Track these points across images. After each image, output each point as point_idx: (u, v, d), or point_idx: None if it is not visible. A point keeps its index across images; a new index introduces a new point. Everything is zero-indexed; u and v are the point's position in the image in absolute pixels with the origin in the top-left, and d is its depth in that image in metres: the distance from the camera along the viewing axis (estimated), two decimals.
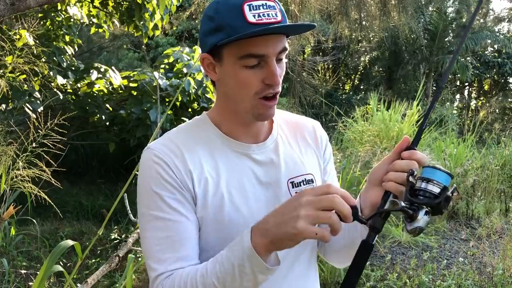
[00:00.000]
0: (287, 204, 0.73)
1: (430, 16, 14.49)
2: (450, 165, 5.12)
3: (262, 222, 0.75)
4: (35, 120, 2.55)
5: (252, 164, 0.92)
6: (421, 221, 0.72)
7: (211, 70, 0.89)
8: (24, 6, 2.40)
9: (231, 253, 0.76)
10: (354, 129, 6.43)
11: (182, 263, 0.83)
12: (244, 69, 0.83)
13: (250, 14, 0.80)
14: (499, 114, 16.89)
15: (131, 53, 10.56)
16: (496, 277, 3.27)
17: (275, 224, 0.72)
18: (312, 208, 0.69)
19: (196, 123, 0.96)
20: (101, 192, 5.71)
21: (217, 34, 0.82)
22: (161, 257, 0.83)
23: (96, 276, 2.68)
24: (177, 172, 0.86)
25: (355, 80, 17.58)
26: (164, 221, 0.84)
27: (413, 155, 0.82)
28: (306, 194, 0.71)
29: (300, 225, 0.68)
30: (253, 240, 0.73)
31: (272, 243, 0.72)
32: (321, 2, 6.88)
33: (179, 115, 4.97)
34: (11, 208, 2.57)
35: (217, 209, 0.87)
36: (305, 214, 0.69)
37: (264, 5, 0.81)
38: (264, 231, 0.73)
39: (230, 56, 0.83)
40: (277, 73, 0.84)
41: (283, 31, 0.84)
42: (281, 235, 0.71)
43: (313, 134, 1.03)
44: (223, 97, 0.92)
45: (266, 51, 0.82)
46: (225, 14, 0.81)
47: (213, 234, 0.88)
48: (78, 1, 4.30)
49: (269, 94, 0.85)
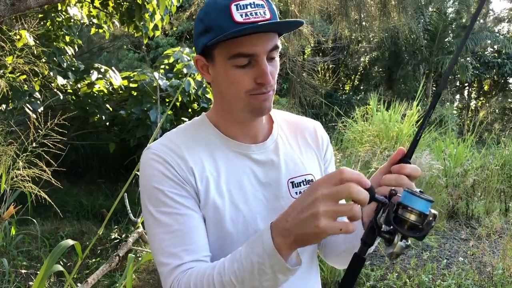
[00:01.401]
0: (302, 200, 0.68)
1: (430, 17, 14.51)
2: (450, 165, 5.13)
3: (280, 220, 0.71)
4: (35, 120, 2.55)
5: (252, 164, 0.92)
6: (397, 246, 0.69)
7: (205, 72, 0.90)
8: (24, 6, 2.41)
9: (250, 250, 0.73)
10: (354, 129, 6.44)
11: (195, 255, 0.82)
12: (235, 69, 0.83)
13: (237, 13, 0.80)
14: (499, 114, 16.90)
15: (131, 54, 10.57)
16: (496, 277, 3.28)
17: (295, 223, 0.68)
18: (331, 202, 0.65)
19: (195, 124, 0.96)
20: (101, 192, 5.71)
21: (206, 35, 0.83)
22: (173, 251, 0.82)
23: (96, 276, 2.69)
24: (178, 169, 0.86)
25: (355, 81, 17.59)
26: (170, 216, 0.84)
27: (402, 169, 0.79)
28: (320, 186, 0.66)
29: (322, 223, 0.64)
30: (274, 239, 0.70)
31: (295, 242, 0.69)
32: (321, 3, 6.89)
33: (179, 116, 4.98)
34: (11, 208, 2.58)
35: (218, 208, 0.87)
36: (325, 210, 0.64)
37: (252, 4, 0.81)
38: (284, 230, 0.69)
39: (221, 57, 0.84)
40: (268, 71, 0.83)
41: (269, 29, 0.83)
42: (303, 234, 0.67)
43: (314, 135, 1.03)
44: (219, 97, 0.93)
45: (255, 50, 0.81)
46: (214, 15, 0.82)
47: (213, 233, 0.87)
48: (78, 1, 4.30)
49: (261, 92, 0.85)
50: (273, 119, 1.00)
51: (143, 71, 5.17)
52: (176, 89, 4.71)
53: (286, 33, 0.93)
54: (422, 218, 0.68)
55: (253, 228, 0.90)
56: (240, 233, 0.88)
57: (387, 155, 5.00)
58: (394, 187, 0.76)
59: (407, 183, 0.78)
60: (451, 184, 4.95)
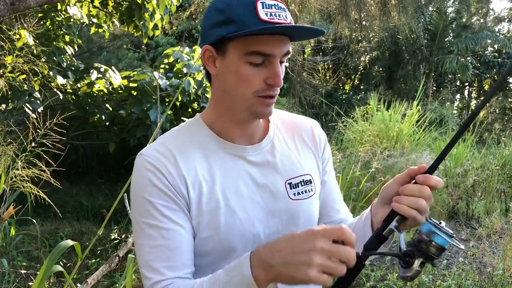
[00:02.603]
0: (297, 242, 0.68)
1: (430, 16, 14.50)
2: (450, 165, 5.12)
3: (264, 254, 0.71)
4: (35, 120, 2.55)
5: (247, 166, 0.91)
6: (414, 270, 0.72)
7: (211, 63, 0.87)
8: (24, 6, 2.41)
9: (229, 278, 0.73)
10: (354, 129, 6.43)
11: (176, 273, 0.82)
12: (248, 66, 0.82)
13: (263, 11, 0.79)
14: (499, 114, 16.90)
15: (131, 53, 10.56)
16: (496, 277, 3.27)
17: (282, 263, 0.68)
18: (327, 258, 0.66)
19: (189, 126, 0.95)
20: (101, 192, 5.71)
21: (226, 27, 0.81)
22: (155, 266, 0.82)
23: (96, 276, 2.68)
24: (170, 178, 0.85)
25: (355, 80, 17.59)
26: (157, 229, 0.83)
27: (428, 180, 0.79)
28: (320, 237, 0.67)
29: (313, 274, 0.66)
30: (253, 270, 0.70)
31: (275, 278, 0.70)
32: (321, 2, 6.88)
33: (179, 115, 4.97)
34: (11, 208, 2.58)
35: (213, 214, 0.86)
36: (320, 264, 0.66)
37: (276, 6, 0.81)
38: (267, 265, 0.70)
39: (236, 51, 0.82)
40: (280, 74, 0.83)
41: (295, 32, 0.84)
42: (288, 276, 0.68)
43: (311, 134, 1.02)
44: (220, 92, 0.90)
45: (273, 51, 0.81)
46: (237, 8, 0.80)
47: (210, 239, 0.86)
48: (78, 1, 4.29)
49: (269, 94, 0.85)
50: (270, 118, 0.98)
51: (143, 71, 5.16)
52: (176, 88, 4.70)
53: (300, 40, 0.92)
54: (440, 251, 0.71)
55: (251, 232, 0.89)
56: (237, 238, 0.87)
57: (387, 155, 4.99)
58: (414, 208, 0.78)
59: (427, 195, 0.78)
60: (451, 184, 4.94)
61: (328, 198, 1.04)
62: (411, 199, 0.78)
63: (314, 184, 0.97)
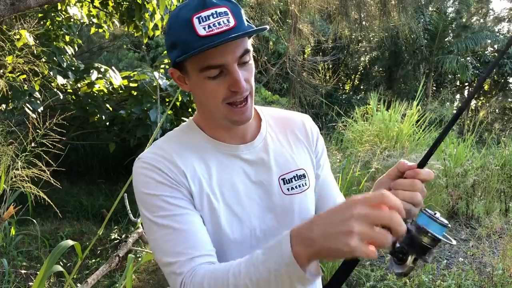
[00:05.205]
0: (336, 213, 0.64)
1: (430, 16, 14.51)
2: (450, 165, 5.12)
3: (304, 228, 0.68)
4: (35, 120, 2.55)
5: (242, 164, 0.93)
6: (408, 267, 0.71)
7: (182, 82, 0.90)
8: (24, 6, 2.41)
9: (267, 256, 0.70)
10: (354, 129, 6.44)
11: (200, 250, 0.82)
12: (207, 80, 0.83)
13: (200, 27, 0.79)
14: (499, 114, 16.91)
15: (131, 53, 10.55)
16: (496, 277, 3.27)
17: (322, 235, 0.64)
18: (367, 224, 0.61)
19: (183, 129, 0.97)
20: (101, 192, 5.70)
21: (174, 50, 0.83)
22: (177, 250, 0.82)
23: (96, 276, 2.68)
24: (170, 173, 0.86)
25: (355, 80, 17.59)
26: (169, 218, 0.84)
27: (418, 175, 0.79)
28: (359, 203, 0.63)
29: (354, 243, 0.61)
30: (293, 248, 0.67)
31: (317, 254, 0.65)
32: (321, 2, 6.89)
33: (179, 115, 4.97)
34: (11, 208, 2.58)
35: (211, 210, 0.88)
36: (360, 231, 0.61)
37: (214, 14, 0.80)
38: (308, 240, 0.66)
39: (193, 70, 0.84)
40: (240, 79, 0.82)
41: (231, 40, 0.79)
42: (329, 248, 0.63)
43: (303, 128, 1.03)
44: (200, 105, 0.94)
45: (225, 60, 0.81)
46: (177, 30, 0.81)
47: (210, 233, 0.88)
48: (78, 1, 4.30)
49: (237, 99, 0.85)
50: (261, 116, 1.00)
51: (143, 71, 5.16)
52: (176, 88, 4.70)
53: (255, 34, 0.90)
54: (435, 242, 0.69)
55: (249, 227, 0.91)
56: (236, 233, 0.90)
57: (387, 155, 4.99)
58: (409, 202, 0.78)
59: (419, 188, 0.79)
60: (451, 184, 4.94)
61: (324, 190, 1.06)
62: (405, 194, 0.78)
63: (308, 178, 0.99)
